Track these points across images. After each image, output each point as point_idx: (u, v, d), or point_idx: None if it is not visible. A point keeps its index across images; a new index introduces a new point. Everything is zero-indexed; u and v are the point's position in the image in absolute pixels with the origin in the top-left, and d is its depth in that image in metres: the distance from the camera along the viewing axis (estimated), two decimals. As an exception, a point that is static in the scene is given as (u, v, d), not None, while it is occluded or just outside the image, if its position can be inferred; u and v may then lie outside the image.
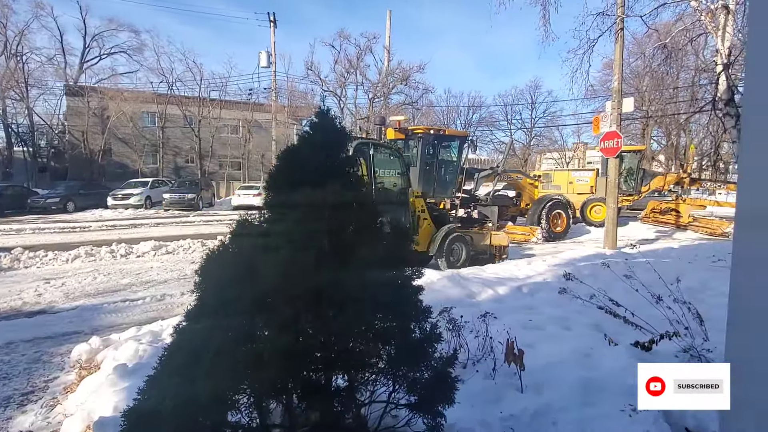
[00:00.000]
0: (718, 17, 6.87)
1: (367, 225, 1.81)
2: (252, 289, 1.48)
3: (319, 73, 29.45)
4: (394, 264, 1.81)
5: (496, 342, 3.08)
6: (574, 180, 17.99)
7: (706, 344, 3.09)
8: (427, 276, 5.84)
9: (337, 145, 1.84)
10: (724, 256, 8.69)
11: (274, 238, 1.57)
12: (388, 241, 1.84)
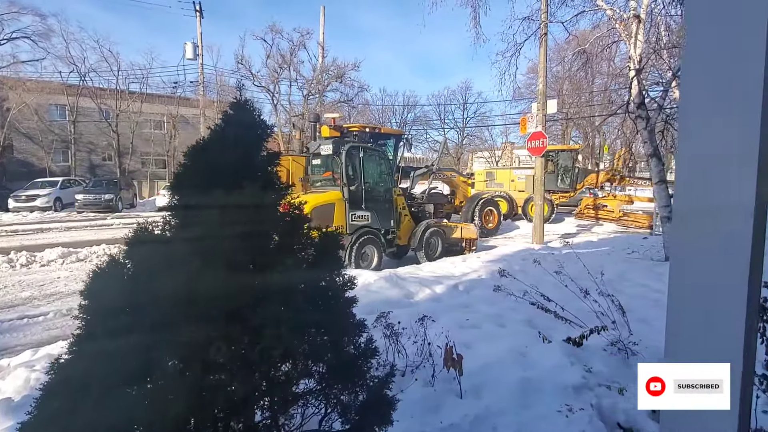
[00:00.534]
0: (631, 26, 7.39)
1: (291, 232, 1.61)
2: (150, 313, 1.23)
3: (251, 68, 28.19)
4: (324, 275, 1.62)
5: (435, 346, 2.99)
6: (516, 178, 18.90)
7: (632, 337, 3.23)
8: (364, 277, 5.71)
9: (257, 142, 1.62)
10: (636, 248, 9.45)
11: (178, 250, 1.33)
12: (317, 248, 1.65)
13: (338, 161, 7.73)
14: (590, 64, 10.94)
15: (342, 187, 7.56)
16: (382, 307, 4.81)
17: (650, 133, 7.74)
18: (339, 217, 7.45)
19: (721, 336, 1.29)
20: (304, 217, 1.66)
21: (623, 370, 2.77)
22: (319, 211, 7.12)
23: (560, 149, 19.60)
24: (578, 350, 2.93)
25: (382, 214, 8.11)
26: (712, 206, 1.24)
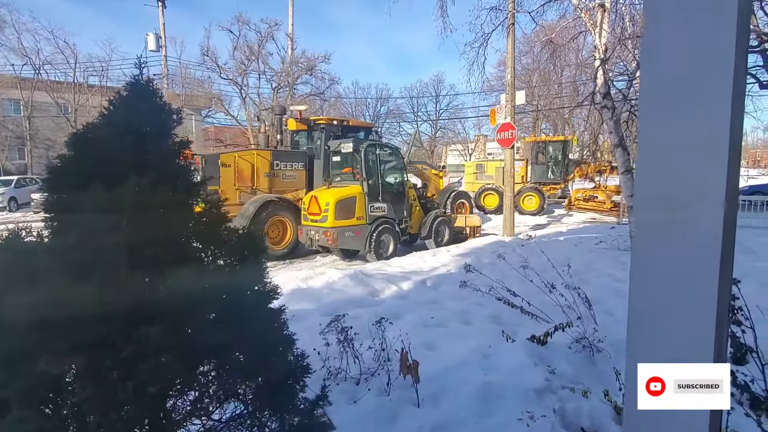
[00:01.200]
0: (596, 15, 7.35)
1: (205, 236, 1.37)
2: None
3: (217, 60, 27.27)
4: (244, 284, 1.39)
5: (395, 350, 2.80)
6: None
7: (597, 332, 3.13)
8: (328, 275, 5.49)
9: (159, 130, 1.37)
10: (604, 238, 9.53)
11: (43, 262, 1.07)
12: (237, 253, 1.41)
13: (358, 158, 8.37)
14: (558, 55, 10.95)
15: (361, 181, 8.18)
16: (345, 307, 4.61)
17: (616, 123, 7.75)
18: (360, 208, 8.12)
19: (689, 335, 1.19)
20: (222, 217, 1.42)
21: (588, 368, 2.66)
22: (343, 203, 7.91)
23: (550, 140, 19.36)
24: (542, 349, 2.80)
25: (397, 205, 8.81)
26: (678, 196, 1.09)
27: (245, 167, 9.03)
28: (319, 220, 7.93)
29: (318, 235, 7.87)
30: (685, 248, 1.13)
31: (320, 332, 2.93)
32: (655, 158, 1.14)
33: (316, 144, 10.48)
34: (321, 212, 7.94)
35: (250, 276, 1.38)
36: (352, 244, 8.09)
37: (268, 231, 8.71)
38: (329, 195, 8.03)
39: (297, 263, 8.46)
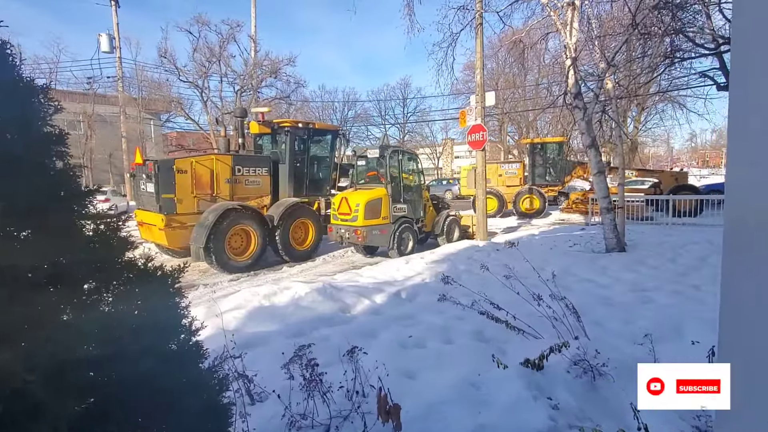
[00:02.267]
0: (566, 13, 7.22)
1: (93, 263, 0.92)
2: None
3: (176, 62, 26.11)
4: (145, 320, 0.95)
5: (369, 384, 2.39)
6: (503, 172, 18.27)
7: (590, 344, 2.83)
8: (294, 290, 5.03)
9: (22, 119, 0.91)
10: (576, 240, 9.46)
11: None
12: (139, 283, 0.97)
13: (383, 162, 9.22)
14: (526, 56, 10.87)
15: (386, 184, 9.03)
16: (313, 327, 4.16)
17: (588, 123, 7.65)
18: (385, 209, 8.91)
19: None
20: (121, 239, 0.98)
21: (592, 397, 2.33)
22: (371, 204, 8.71)
23: (547, 141, 18.99)
24: (539, 375, 2.46)
25: (415, 206, 9.67)
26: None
27: (204, 173, 8.40)
28: (350, 220, 8.71)
29: (348, 233, 8.68)
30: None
31: (283, 365, 2.47)
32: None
33: (281, 148, 9.95)
34: (351, 212, 8.71)
35: (156, 309, 0.94)
36: (378, 241, 8.90)
37: (230, 241, 8.12)
38: (359, 197, 8.75)
39: (262, 275, 7.91)
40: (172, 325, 1.02)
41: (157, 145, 34.41)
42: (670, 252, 7.56)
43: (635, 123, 31.70)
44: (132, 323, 0.91)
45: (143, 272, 1.00)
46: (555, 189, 17.58)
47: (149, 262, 1.06)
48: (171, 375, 0.98)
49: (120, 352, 0.87)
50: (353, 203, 8.71)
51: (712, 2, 8.47)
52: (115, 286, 0.96)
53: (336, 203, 9.17)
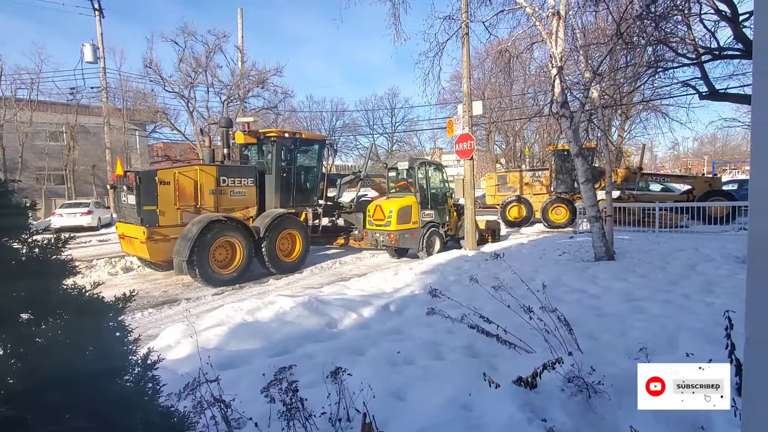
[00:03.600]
0: (551, 23, 7.25)
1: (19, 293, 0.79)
2: None
3: (161, 72, 25.87)
4: (83, 360, 0.82)
5: (354, 408, 2.26)
6: (530, 180, 17.56)
7: (584, 359, 2.73)
8: (279, 305, 4.87)
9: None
10: (566, 249, 9.43)
11: None
12: (73, 318, 0.84)
13: (412, 173, 10.36)
14: (512, 65, 10.92)
15: (415, 192, 10.16)
16: (298, 343, 4.01)
17: (574, 132, 7.65)
18: (415, 214, 9.95)
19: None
20: (59, 264, 0.85)
21: (588, 416, 2.23)
22: (403, 211, 9.77)
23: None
24: (533, 394, 2.35)
25: (440, 212, 10.65)
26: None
27: (187, 184, 8.21)
28: (384, 225, 9.78)
29: (383, 237, 9.78)
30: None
31: (263, 388, 2.32)
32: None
33: (267, 158, 9.81)
34: (385, 218, 9.78)
35: (98, 361, 0.81)
36: (409, 243, 9.90)
37: (215, 254, 7.92)
38: (392, 204, 9.85)
39: (247, 288, 7.71)
40: (114, 364, 0.88)
41: (143, 156, 33.91)
42: (659, 260, 7.56)
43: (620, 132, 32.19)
44: (67, 364, 0.78)
45: (82, 303, 0.86)
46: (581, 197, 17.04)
47: (86, 292, 0.93)
48: (117, 420, 0.84)
49: (50, 401, 0.74)
50: (387, 210, 9.81)
51: (692, 13, 8.60)
52: (50, 322, 0.83)
53: (371, 210, 10.27)
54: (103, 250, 12.41)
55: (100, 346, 0.87)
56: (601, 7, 8.21)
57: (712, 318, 3.98)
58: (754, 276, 0.90)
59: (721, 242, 9.19)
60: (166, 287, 7.78)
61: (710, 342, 3.36)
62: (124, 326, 0.94)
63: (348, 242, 12.22)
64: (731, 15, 8.44)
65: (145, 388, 0.98)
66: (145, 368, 1.03)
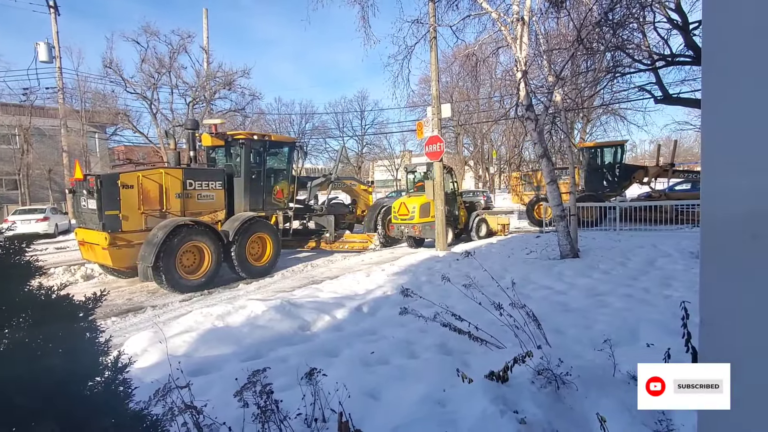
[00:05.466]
0: (516, 28, 7.46)
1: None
2: None
3: (122, 73, 24.95)
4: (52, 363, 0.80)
5: (329, 408, 2.25)
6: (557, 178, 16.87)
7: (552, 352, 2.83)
8: (250, 309, 4.79)
9: None
10: (533, 248, 9.69)
11: None
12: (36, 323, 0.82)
13: (428, 175, 11.90)
14: (478, 69, 11.15)
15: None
16: (271, 347, 3.96)
17: (539, 134, 7.89)
18: (433, 209, 11.31)
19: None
20: (22, 267, 0.82)
21: (558, 408, 2.30)
22: (424, 207, 11.52)
23: (603, 145, 17.28)
24: (504, 388, 2.41)
25: (452, 207, 12.39)
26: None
27: (152, 188, 7.95)
28: (408, 219, 11.64)
29: (407, 229, 11.74)
30: None
31: (235, 392, 2.28)
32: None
33: (236, 161, 9.64)
34: (409, 213, 11.65)
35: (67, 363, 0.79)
36: (428, 234, 11.62)
37: (182, 259, 7.70)
38: (415, 201, 11.67)
39: (216, 293, 7.54)
40: (84, 366, 0.86)
41: (103, 159, 32.58)
42: (620, 256, 7.88)
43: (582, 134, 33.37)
44: (33, 366, 0.75)
45: (48, 304, 0.83)
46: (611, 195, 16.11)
47: (54, 292, 0.90)
48: (88, 424, 0.82)
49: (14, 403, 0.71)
50: (410, 206, 11.65)
51: (647, 21, 9.04)
52: (16, 322, 0.80)
53: (396, 207, 12.07)
54: (61, 257, 11.83)
55: (70, 347, 0.84)
56: (562, 14, 8.53)
57: (670, 310, 4.19)
58: (706, 264, 0.97)
59: (676, 239, 9.66)
60: (130, 295, 7.51)
61: (669, 333, 3.54)
62: (95, 327, 0.92)
63: (319, 245, 12.15)
64: (682, 24, 8.94)
65: (117, 392, 0.95)
66: (116, 371, 1.01)
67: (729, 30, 0.87)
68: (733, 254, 0.93)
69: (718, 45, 0.91)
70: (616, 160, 16.52)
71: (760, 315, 0.91)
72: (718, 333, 0.95)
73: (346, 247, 12.07)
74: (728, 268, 0.92)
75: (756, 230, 0.89)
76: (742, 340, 0.93)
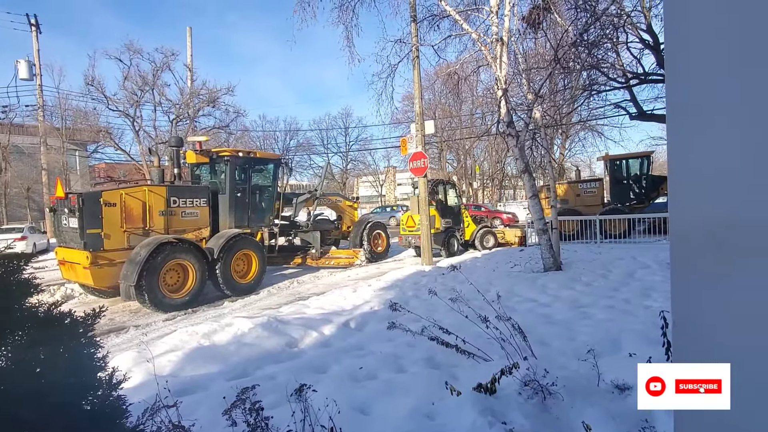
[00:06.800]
0: (495, 48, 7.70)
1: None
2: None
3: (104, 90, 24.69)
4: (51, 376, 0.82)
5: (320, 425, 2.26)
6: (581, 192, 16.49)
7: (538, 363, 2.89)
8: (237, 327, 4.76)
9: None
10: (517, 261, 9.82)
11: None
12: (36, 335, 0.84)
13: (435, 190, 13.18)
14: (460, 87, 11.42)
15: (437, 205, 12.79)
16: (258, 365, 3.93)
17: (521, 150, 8.09)
18: (437, 221, 12.51)
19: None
20: (22, 283, 0.85)
21: (544, 417, 2.35)
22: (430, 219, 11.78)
23: (629, 157, 16.84)
24: (492, 400, 2.45)
25: (456, 219, 13.58)
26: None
27: (135, 206, 7.87)
28: (415, 230, 12.32)
29: (414, 239, 12.64)
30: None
31: (224, 411, 2.27)
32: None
33: (221, 178, 9.61)
34: (416, 225, 12.24)
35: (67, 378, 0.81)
36: (433, 244, 11.98)
37: (165, 277, 7.59)
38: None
39: (201, 312, 7.43)
40: (85, 381, 0.88)
41: (83, 177, 32.03)
42: (601, 269, 8.05)
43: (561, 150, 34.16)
44: (35, 381, 0.77)
45: (48, 320, 0.86)
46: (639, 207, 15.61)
47: (54, 308, 0.92)
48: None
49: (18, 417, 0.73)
50: (417, 219, 12.16)
51: (620, 42, 9.43)
52: (14, 339, 0.82)
53: (404, 219, 13.20)
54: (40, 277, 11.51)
55: (71, 363, 0.86)
56: (539, 35, 8.84)
57: (650, 320, 4.30)
58: (676, 271, 1.05)
59: (655, 251, 9.91)
60: (111, 315, 7.35)
61: (650, 342, 3.64)
62: (95, 342, 0.94)
63: (305, 261, 12.09)
64: (653, 44, 9.34)
65: (114, 407, 0.97)
66: (111, 387, 1.02)
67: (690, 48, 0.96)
68: (700, 262, 1.01)
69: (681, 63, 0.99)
70: (643, 172, 16.31)
71: (726, 317, 0.98)
72: (689, 334, 1.02)
73: (332, 263, 12.02)
74: (696, 274, 1.00)
75: (719, 240, 0.97)
76: (710, 340, 1.00)
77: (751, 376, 0.94)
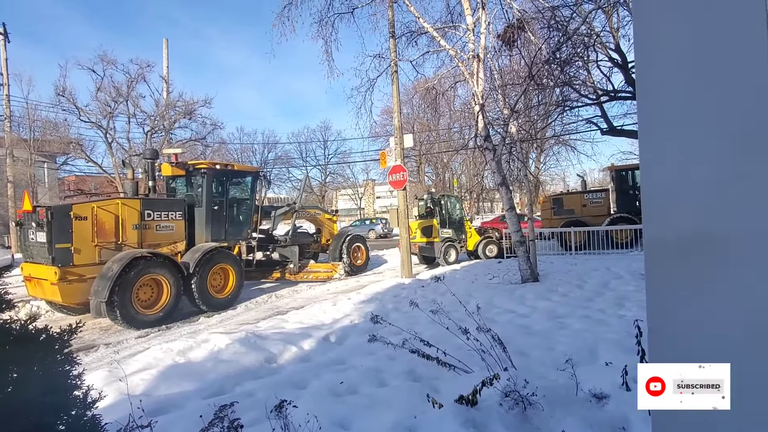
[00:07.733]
0: (472, 65, 7.89)
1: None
2: None
3: (76, 101, 24.08)
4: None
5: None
6: (588, 202, 16.60)
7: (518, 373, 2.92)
8: (213, 343, 4.65)
9: None
10: (495, 273, 9.94)
11: None
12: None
13: (436, 202, 14.09)
14: (438, 102, 11.62)
15: (436, 216, 13.81)
16: (236, 382, 3.84)
17: (498, 163, 8.25)
18: (435, 231, 13.65)
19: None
20: None
21: (525, 427, 2.37)
22: (426, 228, 13.84)
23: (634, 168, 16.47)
24: (474, 411, 2.46)
25: (457, 231, 14.16)
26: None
27: (107, 219, 7.65)
28: (411, 238, 12.29)
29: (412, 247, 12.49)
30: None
31: (202, 429, 2.21)
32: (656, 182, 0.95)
33: (197, 191, 9.45)
34: (413, 233, 12.88)
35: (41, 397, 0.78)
36: (429, 252, 13.83)
37: (138, 293, 7.37)
38: (416, 224, 13.95)
39: (175, 328, 7.23)
40: (60, 400, 0.85)
41: (52, 189, 30.96)
42: (576, 279, 8.21)
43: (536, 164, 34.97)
44: (8, 401, 0.74)
45: (23, 336, 0.83)
46: None
47: (30, 323, 0.89)
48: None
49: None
50: (413, 228, 13.36)
51: (591, 60, 9.80)
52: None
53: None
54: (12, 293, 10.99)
55: (46, 380, 0.83)
56: (514, 52, 9.11)
57: (624, 329, 4.40)
58: (651, 280, 1.09)
59: (627, 261, 10.19)
60: (80, 332, 7.03)
61: (625, 351, 3.72)
62: (72, 359, 0.90)
63: (284, 276, 11.93)
64: (622, 62, 9.74)
65: (91, 426, 0.93)
66: (86, 407, 0.99)
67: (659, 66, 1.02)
68: (673, 272, 1.06)
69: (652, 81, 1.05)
70: None
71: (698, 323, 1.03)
72: (664, 341, 1.06)
73: (311, 277, 11.90)
74: (669, 283, 1.04)
75: (689, 250, 1.02)
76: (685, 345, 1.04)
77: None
